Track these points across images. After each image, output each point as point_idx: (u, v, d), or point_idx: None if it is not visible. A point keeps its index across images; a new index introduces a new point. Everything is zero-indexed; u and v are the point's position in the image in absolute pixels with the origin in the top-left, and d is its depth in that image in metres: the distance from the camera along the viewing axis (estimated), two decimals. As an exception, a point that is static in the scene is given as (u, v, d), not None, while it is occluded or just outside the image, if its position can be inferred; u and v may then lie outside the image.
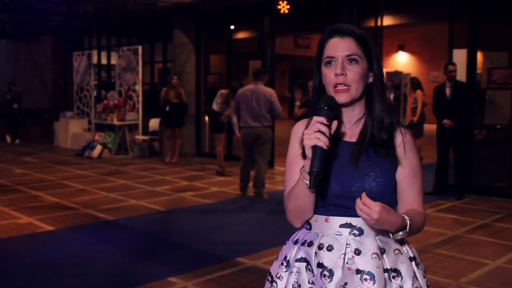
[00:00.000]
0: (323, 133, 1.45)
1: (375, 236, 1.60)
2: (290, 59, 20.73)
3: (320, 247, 1.59)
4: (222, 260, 4.61)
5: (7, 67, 16.83)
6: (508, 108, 7.73)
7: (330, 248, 1.58)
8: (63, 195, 7.32)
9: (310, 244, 1.63)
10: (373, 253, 1.56)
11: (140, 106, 11.65)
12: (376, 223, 1.48)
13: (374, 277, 1.53)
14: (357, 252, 1.56)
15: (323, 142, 1.44)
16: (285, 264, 1.68)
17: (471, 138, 7.41)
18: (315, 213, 1.64)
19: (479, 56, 7.87)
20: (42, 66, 15.89)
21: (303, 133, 1.50)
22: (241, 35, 15.40)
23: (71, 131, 12.96)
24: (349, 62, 1.59)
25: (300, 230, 1.73)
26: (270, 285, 1.71)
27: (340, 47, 1.60)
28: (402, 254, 1.62)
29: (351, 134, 1.66)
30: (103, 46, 14.43)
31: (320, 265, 1.57)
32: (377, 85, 1.64)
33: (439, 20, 13.22)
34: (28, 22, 14.18)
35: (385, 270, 1.57)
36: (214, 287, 4.01)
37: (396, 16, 13.52)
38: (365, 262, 1.55)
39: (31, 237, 5.36)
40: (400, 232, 1.54)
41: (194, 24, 11.33)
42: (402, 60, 19.22)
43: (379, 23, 8.91)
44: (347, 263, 1.55)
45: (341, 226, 1.60)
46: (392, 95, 9.66)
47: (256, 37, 10.60)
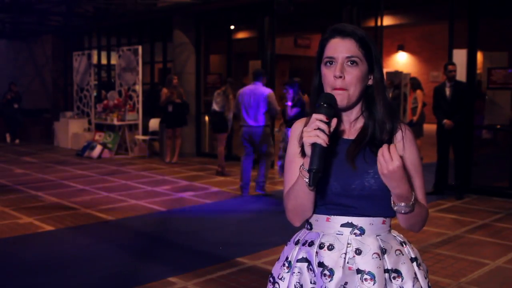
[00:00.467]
0: (323, 131, 1.45)
1: (376, 236, 1.59)
2: (290, 59, 20.71)
3: (321, 247, 1.59)
4: (222, 260, 4.61)
5: (7, 67, 16.84)
6: (508, 108, 7.72)
7: (331, 248, 1.58)
8: (63, 195, 7.32)
9: (311, 244, 1.62)
10: (374, 253, 1.56)
11: (140, 106, 11.65)
12: (387, 174, 1.45)
13: (375, 277, 1.53)
14: (358, 252, 1.56)
15: (323, 140, 1.44)
16: (287, 265, 1.68)
17: (471, 138, 7.41)
18: (316, 213, 1.64)
19: (479, 56, 7.87)
20: (42, 66, 15.89)
21: (302, 131, 1.50)
22: (241, 35, 15.38)
23: (71, 131, 12.95)
24: (349, 64, 1.58)
25: (301, 231, 1.73)
26: (272, 286, 1.71)
27: (341, 48, 1.58)
28: (403, 255, 1.62)
29: (349, 132, 1.66)
30: (103, 46, 14.43)
31: (321, 265, 1.57)
32: (378, 88, 1.63)
33: (439, 20, 13.21)
34: (28, 22, 14.17)
35: (386, 271, 1.57)
36: (214, 287, 4.01)
37: (396, 16, 13.52)
38: (366, 262, 1.54)
39: (31, 237, 5.36)
40: (403, 203, 1.50)
41: (194, 24, 11.33)
42: (402, 60, 19.22)
43: (379, 23, 8.91)
44: (348, 263, 1.55)
45: (342, 226, 1.60)
46: (391, 94, 9.67)
47: (256, 37, 10.60)
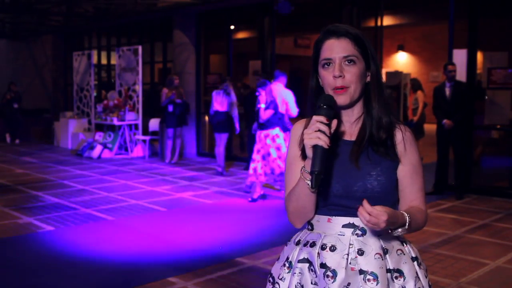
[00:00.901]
0: (323, 132, 1.44)
1: (378, 237, 1.60)
2: (290, 59, 20.71)
3: (323, 248, 1.59)
4: (222, 260, 4.61)
5: (7, 67, 16.84)
6: (508, 108, 7.71)
7: (333, 249, 1.58)
8: (63, 195, 7.32)
9: (313, 245, 1.62)
10: (376, 254, 1.56)
11: (140, 106, 11.65)
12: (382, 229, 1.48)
13: (377, 278, 1.53)
14: (360, 253, 1.56)
15: (324, 142, 1.44)
16: (287, 265, 1.67)
17: (471, 138, 7.41)
18: (317, 214, 1.64)
19: (479, 56, 7.86)
20: (42, 66, 15.89)
21: (303, 133, 1.49)
22: (241, 35, 15.37)
23: (71, 131, 12.95)
24: (347, 63, 1.58)
25: (302, 231, 1.72)
26: (272, 287, 1.70)
27: (337, 49, 1.59)
28: (405, 254, 1.62)
29: (351, 133, 1.66)
30: (103, 46, 14.44)
31: (323, 266, 1.57)
32: (374, 84, 1.64)
33: (439, 20, 13.20)
34: (28, 22, 14.17)
35: (388, 270, 1.57)
36: (214, 287, 4.01)
37: (396, 16, 13.51)
38: (368, 263, 1.55)
39: (31, 237, 5.37)
40: (399, 229, 1.53)
41: (194, 24, 11.33)
42: (402, 60, 19.19)
43: (379, 23, 8.91)
44: (350, 264, 1.55)
45: (344, 226, 1.60)
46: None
47: (256, 37, 10.60)
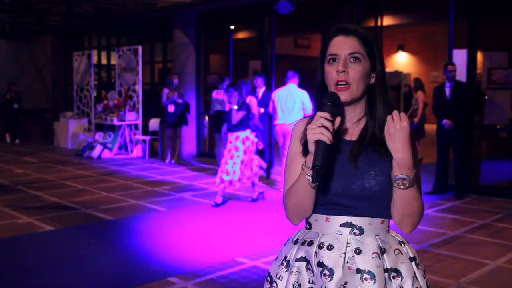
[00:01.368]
0: (327, 128, 1.46)
1: (376, 236, 1.60)
2: (290, 59, 20.70)
3: (321, 246, 1.59)
4: (222, 260, 4.61)
5: (7, 67, 16.83)
6: (508, 108, 7.72)
7: (331, 247, 1.58)
8: (63, 195, 7.32)
9: (310, 244, 1.62)
10: (374, 253, 1.56)
11: (140, 106, 11.65)
12: (393, 133, 1.47)
13: (375, 277, 1.53)
14: (358, 252, 1.56)
15: (327, 137, 1.45)
16: (285, 264, 1.68)
17: (471, 138, 7.41)
18: (315, 212, 1.64)
19: (479, 56, 7.86)
20: (42, 66, 15.89)
21: (306, 128, 1.51)
22: (241, 35, 15.38)
23: (71, 131, 12.96)
24: (352, 61, 1.59)
25: (300, 230, 1.73)
26: (270, 286, 1.71)
27: (344, 45, 1.60)
28: (403, 254, 1.62)
29: (352, 133, 1.66)
30: (103, 46, 14.43)
31: (320, 264, 1.57)
32: (380, 86, 1.64)
33: (439, 20, 13.20)
34: (28, 22, 14.17)
35: (385, 270, 1.57)
36: (214, 287, 4.01)
37: (396, 16, 13.51)
38: (366, 262, 1.55)
39: (31, 237, 5.37)
40: (404, 174, 1.50)
41: (194, 24, 11.32)
42: (402, 60, 19.19)
43: (379, 23, 8.91)
44: (348, 262, 1.55)
45: (342, 225, 1.60)
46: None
47: (256, 37, 10.60)
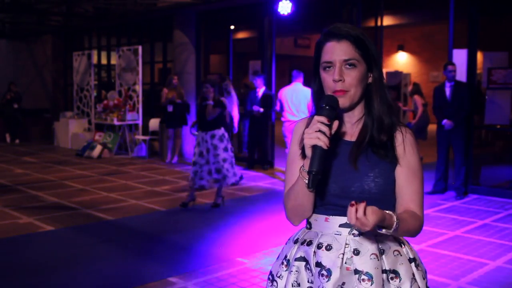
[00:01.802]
0: (324, 133, 1.44)
1: (375, 237, 1.59)
2: (290, 59, 20.71)
3: (319, 246, 1.59)
4: (222, 260, 4.61)
5: (7, 67, 16.83)
6: (508, 108, 7.71)
7: (329, 248, 1.58)
8: (63, 195, 7.32)
9: (310, 243, 1.63)
10: (372, 254, 1.56)
11: (140, 106, 11.65)
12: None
13: (372, 278, 1.53)
14: (356, 252, 1.56)
15: (323, 142, 1.44)
16: (285, 263, 1.68)
17: (471, 138, 7.41)
18: (315, 212, 1.64)
19: (479, 56, 7.86)
20: (42, 66, 15.89)
21: (304, 132, 1.50)
22: (241, 35, 15.39)
23: (71, 131, 12.95)
24: (347, 67, 1.57)
25: (300, 230, 1.73)
26: (271, 284, 1.72)
27: (337, 52, 1.57)
28: (402, 256, 1.62)
29: (351, 134, 1.66)
30: (103, 46, 14.43)
31: (319, 264, 1.57)
32: (376, 86, 1.63)
33: (439, 20, 13.21)
34: (28, 22, 14.17)
35: (384, 271, 1.57)
36: (214, 287, 4.01)
37: (396, 16, 13.51)
38: (364, 263, 1.54)
39: (31, 237, 5.37)
40: (383, 230, 1.45)
41: (194, 24, 11.32)
42: (402, 60, 19.19)
43: (379, 23, 8.91)
44: (346, 263, 1.55)
45: (341, 226, 1.60)
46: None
47: (256, 37, 10.59)
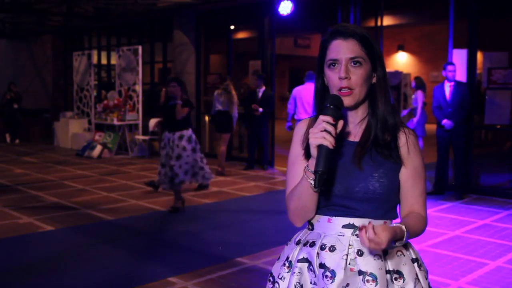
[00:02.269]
0: (329, 133, 1.44)
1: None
2: (290, 59, 20.71)
3: (323, 248, 1.59)
4: (222, 260, 4.61)
5: (7, 67, 16.83)
6: (508, 108, 7.71)
7: (333, 249, 1.57)
8: (63, 195, 7.32)
9: (312, 245, 1.62)
10: (376, 255, 1.55)
11: (140, 106, 11.65)
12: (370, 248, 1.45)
13: (376, 279, 1.53)
14: (360, 253, 1.56)
15: (329, 142, 1.43)
16: (287, 265, 1.67)
17: (471, 138, 7.41)
18: (317, 213, 1.64)
19: (479, 56, 7.86)
20: (42, 66, 15.89)
21: (309, 132, 1.49)
22: (241, 35, 15.38)
23: (71, 131, 12.95)
24: (353, 65, 1.57)
25: (302, 231, 1.72)
26: (272, 286, 1.70)
27: (344, 50, 1.57)
28: (405, 256, 1.62)
29: (355, 134, 1.65)
30: (103, 46, 14.43)
31: (322, 266, 1.56)
32: (381, 86, 1.63)
33: (439, 20, 13.20)
34: (28, 22, 14.17)
35: (387, 272, 1.57)
36: (214, 287, 4.01)
37: (396, 16, 13.51)
38: (368, 263, 1.54)
39: (31, 237, 5.36)
40: (397, 243, 1.51)
41: (194, 24, 11.32)
42: (402, 60, 19.19)
43: (379, 23, 8.91)
44: (350, 264, 1.55)
45: (344, 227, 1.59)
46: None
47: (256, 37, 10.60)
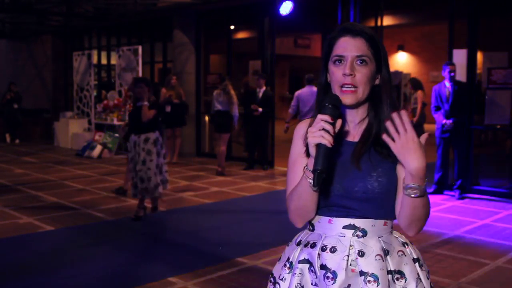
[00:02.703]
0: (328, 131, 1.44)
1: (379, 238, 1.59)
2: (290, 59, 20.72)
3: (323, 249, 1.58)
4: (222, 260, 4.61)
5: (7, 67, 16.83)
6: (508, 108, 7.72)
7: (334, 250, 1.57)
8: (63, 195, 7.32)
9: (313, 246, 1.61)
10: (377, 255, 1.55)
11: (140, 106, 11.63)
12: (402, 151, 1.42)
13: (378, 279, 1.52)
14: (361, 254, 1.55)
15: (328, 141, 1.43)
16: (288, 266, 1.67)
17: (471, 138, 7.41)
18: (318, 214, 1.63)
19: (479, 56, 7.87)
20: (42, 66, 15.89)
21: (307, 131, 1.49)
22: (241, 35, 15.39)
23: (71, 131, 12.95)
24: (359, 63, 1.58)
25: (303, 231, 1.72)
26: (273, 287, 1.70)
27: (351, 47, 1.58)
28: (406, 256, 1.61)
29: (354, 134, 1.65)
30: (103, 46, 14.44)
31: (323, 267, 1.56)
32: (386, 88, 1.64)
33: (439, 20, 13.22)
34: (28, 22, 14.17)
35: (389, 272, 1.56)
36: (214, 287, 4.01)
37: (396, 16, 13.51)
38: (369, 264, 1.54)
39: (31, 237, 5.36)
40: (416, 184, 1.44)
41: (194, 24, 11.33)
42: (402, 60, 19.19)
43: (379, 23, 8.92)
44: (351, 265, 1.55)
45: (345, 228, 1.59)
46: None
47: (256, 37, 10.60)
